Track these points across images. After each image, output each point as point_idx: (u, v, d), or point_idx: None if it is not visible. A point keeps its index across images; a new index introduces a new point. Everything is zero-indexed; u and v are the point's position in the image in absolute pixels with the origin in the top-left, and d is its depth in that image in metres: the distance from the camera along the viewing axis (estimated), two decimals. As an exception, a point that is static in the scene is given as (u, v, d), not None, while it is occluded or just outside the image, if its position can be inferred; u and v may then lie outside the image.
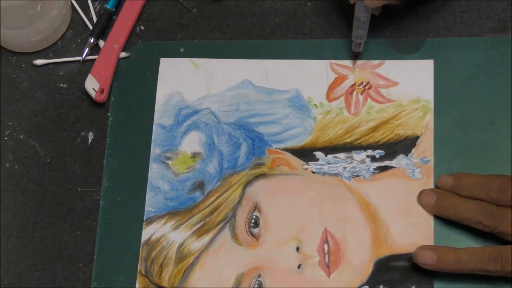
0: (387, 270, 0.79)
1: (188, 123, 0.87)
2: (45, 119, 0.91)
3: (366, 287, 0.79)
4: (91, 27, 0.93)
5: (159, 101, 0.88)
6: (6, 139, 0.90)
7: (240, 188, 0.84)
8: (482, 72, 0.83)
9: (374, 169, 0.82)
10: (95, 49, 0.92)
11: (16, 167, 0.89)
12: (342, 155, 0.83)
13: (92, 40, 0.92)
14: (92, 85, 0.89)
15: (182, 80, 0.89)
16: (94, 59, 0.91)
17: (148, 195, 0.85)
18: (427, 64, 0.84)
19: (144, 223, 0.84)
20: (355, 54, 0.85)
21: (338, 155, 0.83)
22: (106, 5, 0.93)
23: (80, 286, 0.84)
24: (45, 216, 0.87)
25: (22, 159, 0.90)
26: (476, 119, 0.82)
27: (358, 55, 0.85)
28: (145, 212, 0.85)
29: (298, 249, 0.81)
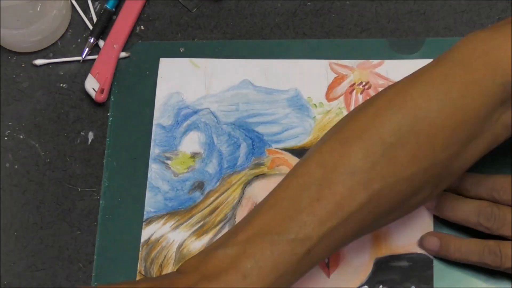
0: (386, 270, 0.79)
1: (188, 123, 0.87)
2: (45, 119, 0.91)
3: (366, 287, 0.79)
4: (91, 27, 0.93)
5: (159, 101, 0.88)
6: (6, 139, 0.90)
7: (240, 188, 0.84)
8: (482, 72, 0.83)
9: (374, 169, 0.82)
10: (95, 49, 0.92)
11: (16, 167, 0.89)
12: (341, 155, 0.83)
13: (92, 40, 0.92)
14: (92, 85, 0.89)
15: (182, 80, 0.89)
16: (94, 59, 0.91)
17: (147, 195, 0.85)
18: (427, 63, 0.84)
19: (143, 223, 0.84)
20: None
21: (338, 155, 0.83)
22: (106, 5, 0.93)
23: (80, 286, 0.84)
24: (45, 216, 0.87)
25: (22, 159, 0.90)
26: (475, 119, 0.82)
27: None
28: (144, 212, 0.85)
29: (297, 249, 0.80)
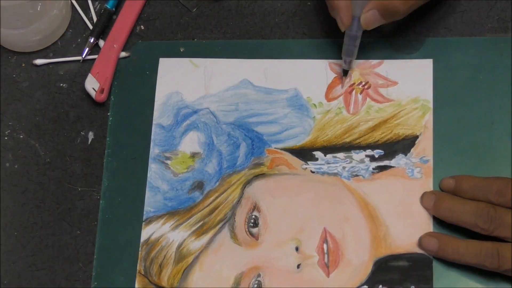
0: (386, 270, 0.79)
1: (187, 123, 0.87)
2: (45, 119, 0.91)
3: (366, 287, 0.79)
4: (91, 27, 0.93)
5: (158, 100, 0.88)
6: (6, 139, 0.90)
7: (240, 188, 0.84)
8: (482, 72, 0.83)
9: (373, 168, 0.82)
10: (95, 48, 0.92)
11: (16, 167, 0.89)
12: (341, 155, 0.83)
13: (92, 40, 0.92)
14: (92, 84, 0.89)
15: (181, 80, 0.89)
16: (94, 59, 0.91)
17: (147, 195, 0.85)
18: (426, 64, 0.84)
19: (143, 223, 0.84)
20: (344, 72, 0.84)
21: (337, 154, 0.83)
22: (106, 4, 0.93)
23: (80, 286, 0.84)
24: (45, 216, 0.87)
25: (22, 159, 0.90)
26: (476, 119, 0.82)
27: (347, 72, 0.84)
28: (144, 212, 0.85)
29: (297, 249, 0.80)
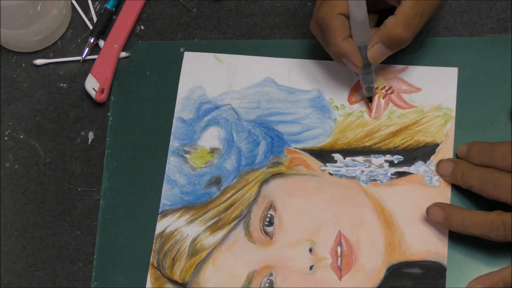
0: (399, 276, 0.78)
1: (209, 118, 0.87)
2: (45, 119, 0.91)
3: (377, 292, 0.79)
4: (91, 27, 0.93)
5: (181, 94, 0.88)
6: (6, 139, 0.91)
7: (257, 186, 0.84)
8: (482, 72, 0.83)
9: (392, 174, 0.81)
10: (95, 49, 0.92)
11: (16, 167, 0.90)
12: (360, 159, 0.83)
13: (92, 40, 0.92)
14: (92, 84, 0.90)
15: (205, 75, 0.89)
16: (94, 59, 0.91)
17: (164, 187, 0.85)
18: (451, 72, 0.83)
19: (159, 216, 0.84)
20: (369, 98, 0.84)
21: (357, 158, 0.83)
22: (106, 5, 0.93)
23: (80, 286, 0.84)
24: (45, 216, 0.88)
25: (22, 159, 0.90)
26: (476, 119, 0.81)
27: (371, 98, 0.84)
28: (160, 205, 0.85)
29: (311, 250, 0.80)
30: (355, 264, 0.79)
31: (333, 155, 0.83)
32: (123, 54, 0.91)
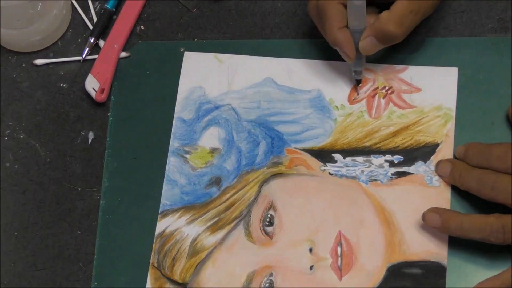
0: (399, 276, 0.78)
1: (209, 118, 0.87)
2: (45, 119, 0.91)
3: (377, 292, 0.79)
4: (91, 27, 0.93)
5: (181, 94, 0.88)
6: (6, 139, 0.91)
7: (257, 186, 0.84)
8: (482, 72, 0.83)
9: (392, 174, 0.81)
10: (95, 49, 0.92)
11: (16, 167, 0.90)
12: (360, 159, 0.83)
13: (92, 40, 0.92)
14: (92, 85, 0.90)
15: (205, 75, 0.89)
16: (94, 59, 0.91)
17: (164, 188, 0.85)
18: (452, 72, 0.83)
19: (159, 216, 0.84)
20: (357, 81, 0.84)
21: (357, 158, 0.83)
22: (106, 5, 0.93)
23: (80, 286, 0.84)
24: (45, 216, 0.87)
25: (22, 159, 0.90)
26: (476, 119, 0.81)
27: (360, 81, 0.84)
28: (160, 205, 0.85)
29: (311, 250, 0.80)
30: (355, 264, 0.79)
31: (333, 155, 0.83)
32: (123, 54, 0.91)
